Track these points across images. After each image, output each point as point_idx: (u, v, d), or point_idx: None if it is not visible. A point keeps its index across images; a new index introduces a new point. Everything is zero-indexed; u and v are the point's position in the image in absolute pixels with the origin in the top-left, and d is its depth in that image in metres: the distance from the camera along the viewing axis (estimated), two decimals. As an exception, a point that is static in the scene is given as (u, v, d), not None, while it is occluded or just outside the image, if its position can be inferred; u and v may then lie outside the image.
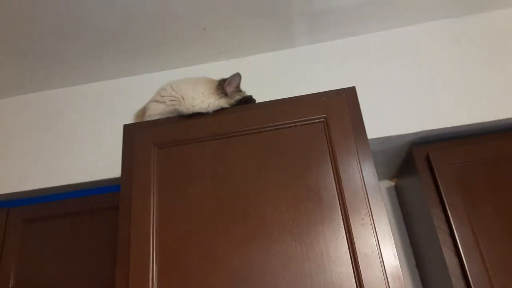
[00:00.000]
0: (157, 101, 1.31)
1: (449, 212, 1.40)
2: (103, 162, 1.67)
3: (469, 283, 1.29)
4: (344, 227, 1.06)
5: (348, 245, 1.03)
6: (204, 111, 1.25)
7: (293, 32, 1.75)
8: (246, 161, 1.18)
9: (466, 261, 1.32)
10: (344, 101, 1.20)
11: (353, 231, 1.04)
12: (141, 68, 1.84)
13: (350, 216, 1.06)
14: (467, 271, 1.31)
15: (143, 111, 1.38)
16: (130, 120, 1.43)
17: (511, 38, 1.70)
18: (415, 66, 1.69)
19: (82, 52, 1.71)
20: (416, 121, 1.59)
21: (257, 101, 1.32)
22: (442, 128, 1.56)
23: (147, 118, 1.32)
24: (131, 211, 1.14)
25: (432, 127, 1.57)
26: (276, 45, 1.81)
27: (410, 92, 1.64)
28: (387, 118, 1.59)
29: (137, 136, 1.25)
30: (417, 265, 1.74)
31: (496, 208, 1.37)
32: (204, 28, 1.69)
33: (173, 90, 1.29)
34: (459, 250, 1.34)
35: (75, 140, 1.77)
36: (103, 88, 1.88)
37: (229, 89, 1.27)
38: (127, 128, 1.31)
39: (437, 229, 1.40)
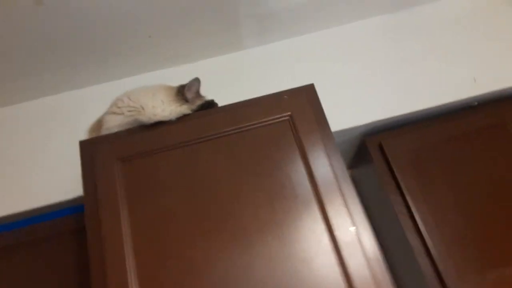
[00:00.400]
0: (114, 112, 1.25)
1: (407, 196, 1.47)
2: (59, 182, 1.56)
3: (433, 260, 1.37)
4: (323, 220, 1.07)
5: (328, 237, 1.05)
6: (166, 119, 1.22)
7: (241, 35, 1.76)
8: (216, 167, 1.16)
9: (428, 240, 1.40)
10: (305, 98, 1.23)
11: (332, 222, 1.06)
12: (88, 80, 1.75)
13: (326, 208, 1.08)
14: (430, 250, 1.38)
15: (98, 124, 1.31)
16: (82, 134, 1.36)
17: (440, 29, 1.83)
18: (358, 61, 1.77)
19: (20, 67, 1.60)
20: (365, 113, 1.66)
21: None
22: (391, 118, 1.65)
23: (104, 132, 1.26)
24: (101, 232, 1.08)
25: (381, 117, 1.65)
26: (225, 48, 1.80)
27: (357, 86, 1.72)
28: (338, 112, 1.65)
29: (98, 152, 1.19)
30: (382, 250, 1.81)
31: (450, 186, 1.47)
32: (150, 36, 1.65)
33: (131, 100, 1.24)
34: (421, 231, 1.41)
35: (25, 161, 1.65)
36: (52, 103, 1.77)
37: (190, 94, 1.25)
38: (84, 144, 1.24)
39: (398, 214, 1.47)
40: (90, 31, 1.52)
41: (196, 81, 1.24)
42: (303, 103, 1.22)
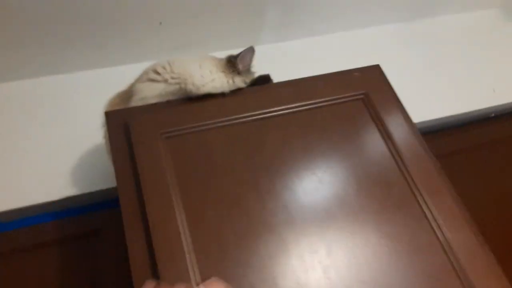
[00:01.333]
0: (152, 80, 1.00)
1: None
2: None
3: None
4: (423, 210, 0.90)
5: (433, 231, 0.87)
6: (217, 91, 1.00)
7: (261, 26, 1.59)
8: (286, 146, 0.95)
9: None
10: (377, 77, 1.08)
11: (434, 213, 0.89)
12: (80, 64, 1.46)
13: (425, 197, 0.90)
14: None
15: (126, 95, 1.05)
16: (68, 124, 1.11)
17: (458, 40, 1.82)
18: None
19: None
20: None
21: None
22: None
23: (137, 103, 1.00)
24: (148, 225, 0.80)
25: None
26: (241, 40, 1.62)
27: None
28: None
29: (137, 125, 0.92)
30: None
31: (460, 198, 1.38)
32: (161, 23, 1.43)
33: (174, 67, 1.00)
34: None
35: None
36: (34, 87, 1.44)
37: (242, 66, 1.05)
38: (113, 116, 0.97)
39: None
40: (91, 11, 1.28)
41: (251, 51, 1.04)
42: (376, 81, 1.07)
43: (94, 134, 1.32)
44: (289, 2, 1.55)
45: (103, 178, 1.33)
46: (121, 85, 1.15)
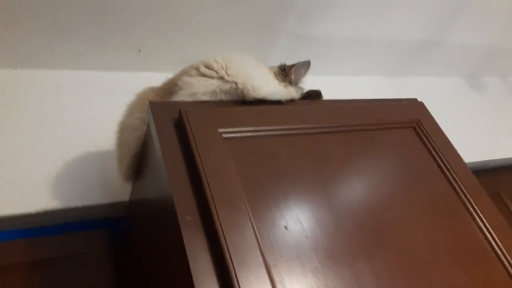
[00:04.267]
0: (204, 75, 0.88)
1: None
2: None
3: None
4: (491, 244, 0.86)
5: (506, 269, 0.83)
6: (272, 97, 0.91)
7: (272, 54, 1.55)
8: (350, 161, 0.87)
9: None
10: (422, 108, 1.07)
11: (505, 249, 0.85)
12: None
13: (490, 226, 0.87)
14: None
15: (164, 90, 0.91)
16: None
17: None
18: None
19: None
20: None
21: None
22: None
23: (184, 98, 0.87)
24: (215, 233, 0.66)
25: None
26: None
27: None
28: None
29: (194, 120, 0.79)
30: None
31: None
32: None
33: (230, 65, 0.90)
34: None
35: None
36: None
37: (295, 77, 0.97)
38: (157, 107, 0.82)
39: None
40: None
41: (307, 64, 0.98)
42: (424, 111, 1.05)
43: (86, 141, 1.13)
44: (302, 35, 1.53)
45: (92, 193, 1.12)
46: (121, 91, 1.01)
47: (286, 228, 0.72)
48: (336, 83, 1.79)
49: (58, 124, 1.17)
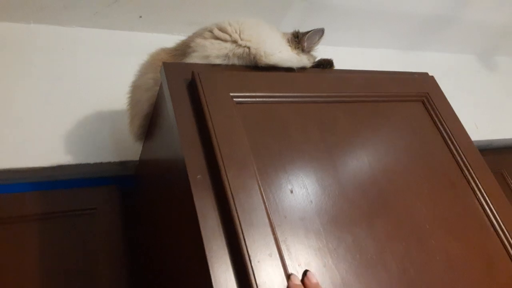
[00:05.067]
0: (218, 38, 0.89)
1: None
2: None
3: None
4: (490, 219, 0.88)
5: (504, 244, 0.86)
6: (284, 63, 0.92)
7: (282, 20, 1.54)
8: (356, 133, 0.89)
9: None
10: (434, 84, 1.07)
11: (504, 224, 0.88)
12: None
13: (491, 201, 0.89)
14: None
15: (178, 51, 0.92)
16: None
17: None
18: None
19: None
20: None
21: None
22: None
23: (196, 60, 0.88)
24: (224, 194, 0.68)
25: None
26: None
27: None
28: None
29: (207, 83, 0.80)
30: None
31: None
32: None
33: (243, 28, 0.90)
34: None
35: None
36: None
37: (308, 45, 0.98)
38: (171, 68, 0.83)
39: None
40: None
41: (320, 32, 0.98)
42: (433, 87, 1.06)
43: (99, 99, 1.15)
44: (317, 2, 1.52)
45: (103, 151, 1.15)
46: (133, 52, 1.02)
47: (291, 192, 0.74)
48: (347, 54, 1.79)
49: (71, 82, 1.19)
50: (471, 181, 0.92)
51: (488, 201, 0.90)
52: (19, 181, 1.07)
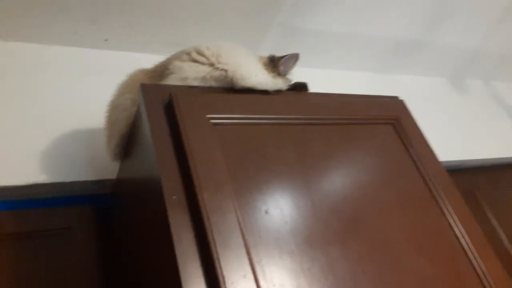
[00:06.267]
0: (195, 61, 0.91)
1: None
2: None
3: None
4: (459, 239, 0.91)
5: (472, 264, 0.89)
6: (260, 86, 0.94)
7: (260, 44, 1.57)
8: (330, 154, 0.92)
9: None
10: (404, 107, 1.12)
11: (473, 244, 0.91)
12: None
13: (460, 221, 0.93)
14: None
15: (156, 72, 0.94)
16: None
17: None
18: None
19: None
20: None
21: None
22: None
23: (175, 83, 0.89)
24: (199, 215, 0.70)
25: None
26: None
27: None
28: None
29: (184, 104, 0.82)
30: None
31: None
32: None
33: (220, 52, 0.93)
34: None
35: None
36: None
37: (284, 68, 1.01)
38: (151, 91, 0.85)
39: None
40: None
41: (295, 57, 1.02)
42: (403, 111, 1.10)
43: (75, 118, 1.15)
44: (293, 28, 1.56)
45: (79, 169, 1.15)
46: (111, 71, 1.02)
47: (266, 212, 0.76)
48: (321, 76, 1.82)
49: (47, 99, 1.19)
50: (440, 202, 0.95)
51: (457, 221, 0.93)
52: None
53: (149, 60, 1.03)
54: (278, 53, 1.03)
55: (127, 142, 0.98)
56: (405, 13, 1.70)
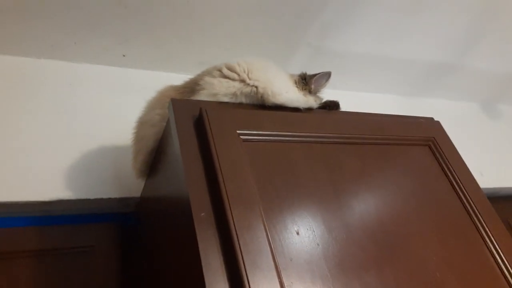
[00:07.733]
0: (226, 77, 0.89)
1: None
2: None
3: None
4: (501, 268, 0.85)
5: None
6: (291, 104, 0.92)
7: (289, 62, 1.56)
8: (363, 175, 0.88)
9: None
10: (440, 128, 1.07)
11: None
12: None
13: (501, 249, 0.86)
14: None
15: (187, 88, 0.93)
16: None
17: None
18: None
19: None
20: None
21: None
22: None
23: (206, 98, 0.88)
24: (228, 233, 0.66)
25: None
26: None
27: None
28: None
29: (214, 120, 0.80)
30: None
31: None
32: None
33: (251, 69, 0.91)
34: None
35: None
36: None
37: (315, 87, 0.98)
38: (179, 105, 0.83)
39: None
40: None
41: (327, 75, 0.99)
42: (441, 130, 1.05)
43: (102, 135, 1.15)
44: (318, 51, 1.55)
45: (104, 186, 1.13)
46: (139, 90, 1.01)
47: (297, 233, 0.72)
48: (351, 99, 1.78)
49: (76, 116, 1.19)
50: (481, 228, 0.90)
51: (499, 249, 0.87)
52: (16, 215, 1.04)
53: (177, 79, 1.02)
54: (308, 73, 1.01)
55: (154, 159, 0.96)
56: (438, 37, 1.67)
